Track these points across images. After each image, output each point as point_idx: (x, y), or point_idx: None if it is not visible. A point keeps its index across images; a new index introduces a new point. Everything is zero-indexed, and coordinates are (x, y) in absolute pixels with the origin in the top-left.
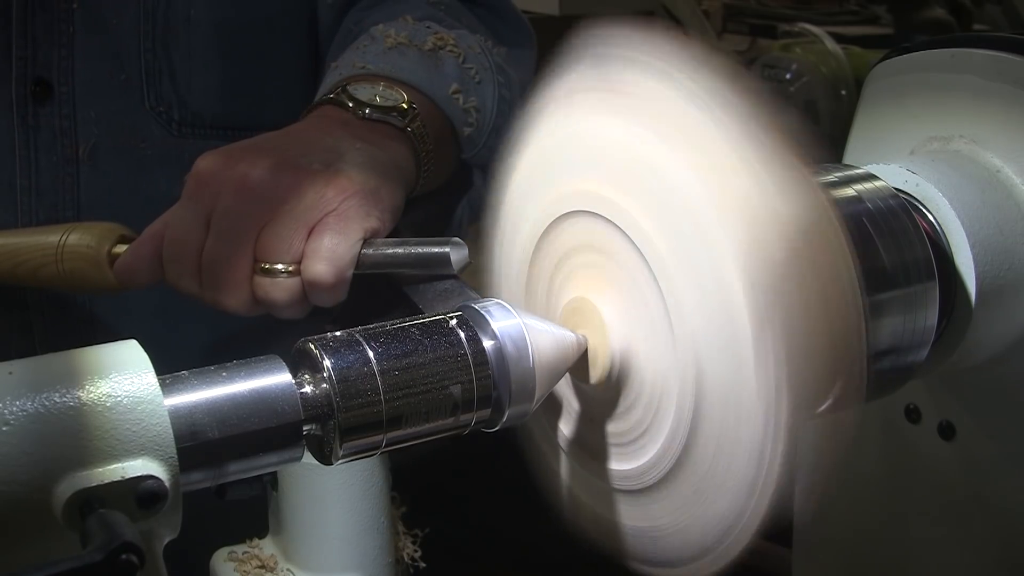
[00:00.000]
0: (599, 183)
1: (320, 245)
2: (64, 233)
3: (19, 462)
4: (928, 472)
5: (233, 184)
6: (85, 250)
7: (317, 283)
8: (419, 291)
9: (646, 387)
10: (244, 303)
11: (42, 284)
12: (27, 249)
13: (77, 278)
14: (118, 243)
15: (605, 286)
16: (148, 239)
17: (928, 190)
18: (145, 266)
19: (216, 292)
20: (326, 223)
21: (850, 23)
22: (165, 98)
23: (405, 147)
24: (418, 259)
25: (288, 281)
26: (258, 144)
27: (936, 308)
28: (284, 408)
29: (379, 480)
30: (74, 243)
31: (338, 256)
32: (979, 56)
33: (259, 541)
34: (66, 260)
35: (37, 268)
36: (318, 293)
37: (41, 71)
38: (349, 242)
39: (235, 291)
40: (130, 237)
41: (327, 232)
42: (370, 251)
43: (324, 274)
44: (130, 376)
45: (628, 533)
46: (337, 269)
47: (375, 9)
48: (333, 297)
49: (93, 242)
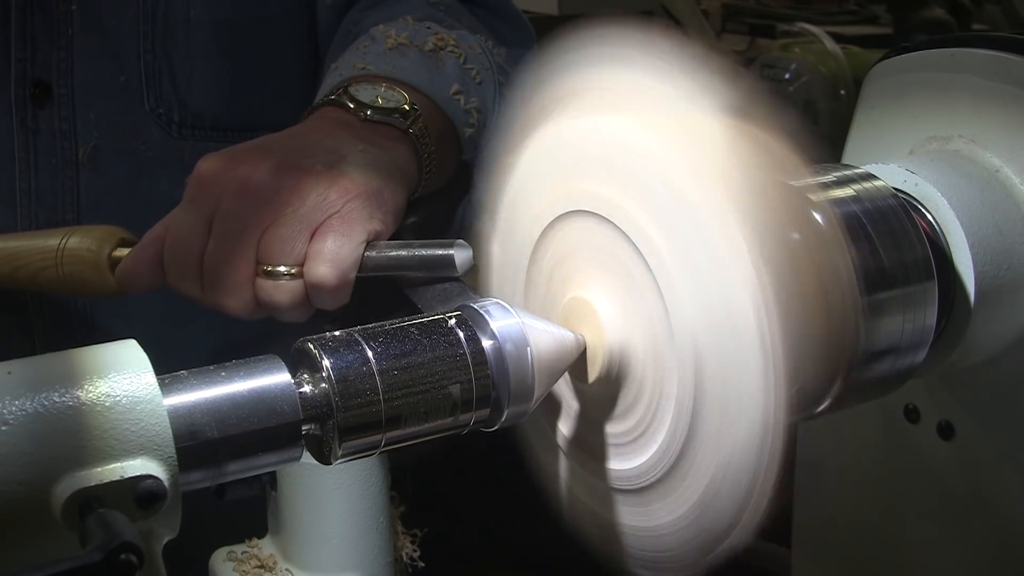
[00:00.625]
0: (598, 182)
1: (323, 247)
2: (64, 237)
3: (18, 462)
4: (927, 472)
5: (235, 186)
6: (85, 253)
7: (320, 285)
8: (418, 292)
9: (645, 387)
10: (246, 306)
11: (42, 288)
12: (27, 253)
13: (77, 282)
14: (118, 246)
15: (604, 285)
16: (149, 243)
17: (927, 190)
18: (147, 270)
19: (218, 294)
20: (329, 225)
21: (849, 23)
22: (165, 100)
23: (407, 148)
24: (422, 261)
25: (291, 283)
26: (260, 146)
27: (935, 308)
28: (283, 408)
29: (378, 480)
30: (74, 246)
31: (341, 258)
32: (978, 56)
33: (258, 541)
34: (66, 264)
35: (37, 272)
36: (321, 295)
37: (40, 73)
38: (352, 244)
39: (237, 293)
40: (130, 240)
41: (330, 234)
42: (373, 253)
43: (328, 276)
44: (129, 376)
45: (627, 533)
46: (341, 271)
47: (374, 9)
48: (336, 300)
49: (93, 245)
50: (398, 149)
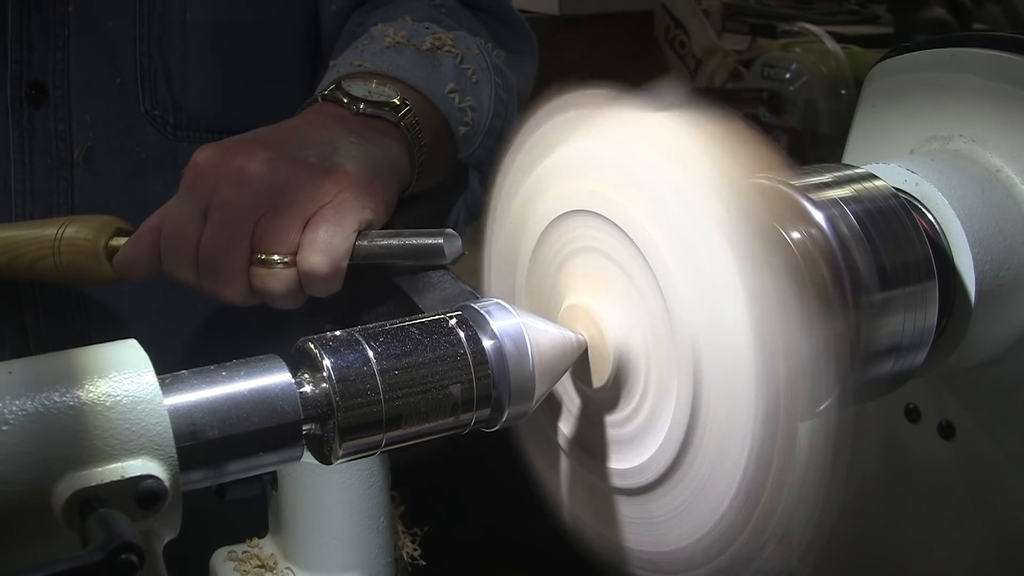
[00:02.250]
0: (601, 183)
1: (316, 236)
2: (61, 226)
3: (19, 462)
4: (928, 472)
5: (231, 176)
6: (82, 243)
7: (313, 274)
8: (407, 281)
9: (645, 386)
10: (241, 293)
11: (39, 277)
12: (24, 242)
13: (74, 271)
14: (115, 236)
15: (605, 286)
16: (147, 232)
17: (928, 190)
18: (144, 258)
19: (214, 282)
20: (322, 215)
21: (850, 22)
22: (161, 102)
23: (398, 143)
24: (412, 250)
25: (284, 272)
26: (255, 137)
27: (936, 308)
28: (284, 408)
29: (379, 479)
30: (71, 236)
31: (334, 247)
32: (979, 55)
33: (259, 540)
34: (63, 253)
35: (34, 261)
36: (314, 283)
37: (36, 74)
38: (344, 233)
39: (232, 281)
40: (127, 230)
41: (323, 224)
42: (365, 242)
43: (320, 265)
44: (130, 375)
45: (627, 532)
46: (332, 260)
47: (377, 11)
48: (328, 287)
49: (90, 235)
50: (389, 144)
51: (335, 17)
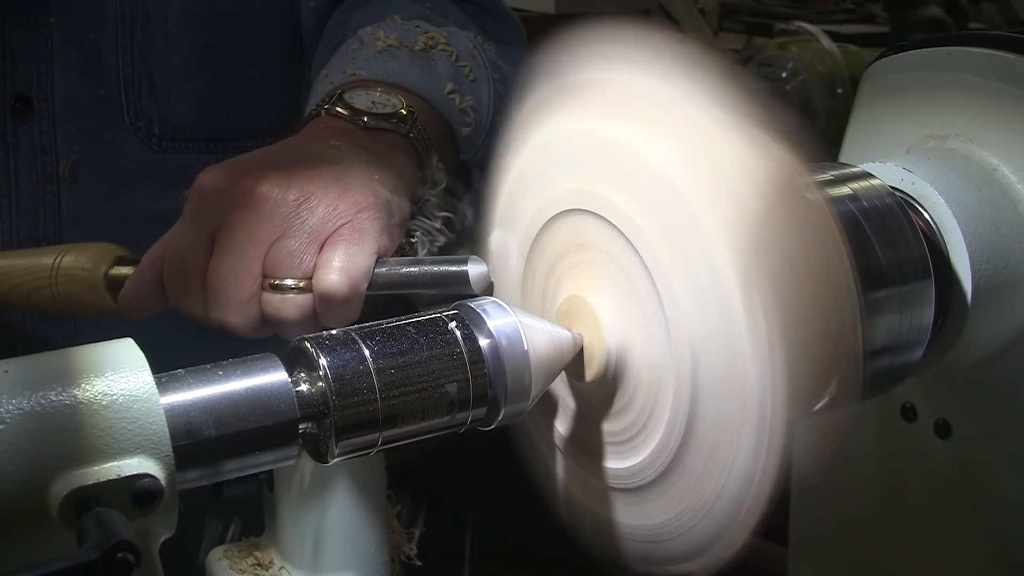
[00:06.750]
0: (595, 181)
1: (334, 255)
2: (58, 255)
3: (15, 461)
4: (924, 470)
5: (240, 198)
6: (81, 272)
7: (331, 295)
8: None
9: (642, 385)
10: (251, 323)
11: (36, 309)
12: (19, 272)
13: (72, 302)
14: (115, 264)
15: (601, 284)
16: (149, 264)
17: (924, 188)
18: (149, 292)
19: (222, 311)
20: (340, 235)
21: (846, 21)
22: (145, 113)
23: (407, 155)
24: (434, 278)
25: (299, 298)
26: (262, 157)
27: (932, 306)
28: (280, 406)
29: (375, 479)
30: (69, 265)
31: (353, 267)
32: (975, 55)
33: (255, 539)
34: (61, 283)
35: (30, 292)
36: (331, 308)
37: (20, 87)
38: (365, 254)
39: (242, 310)
40: (127, 258)
41: (341, 243)
42: (384, 270)
43: (338, 285)
44: (126, 374)
45: (624, 531)
46: (352, 281)
47: (359, 9)
48: (345, 312)
49: (89, 264)
50: (399, 157)
51: (314, 14)
